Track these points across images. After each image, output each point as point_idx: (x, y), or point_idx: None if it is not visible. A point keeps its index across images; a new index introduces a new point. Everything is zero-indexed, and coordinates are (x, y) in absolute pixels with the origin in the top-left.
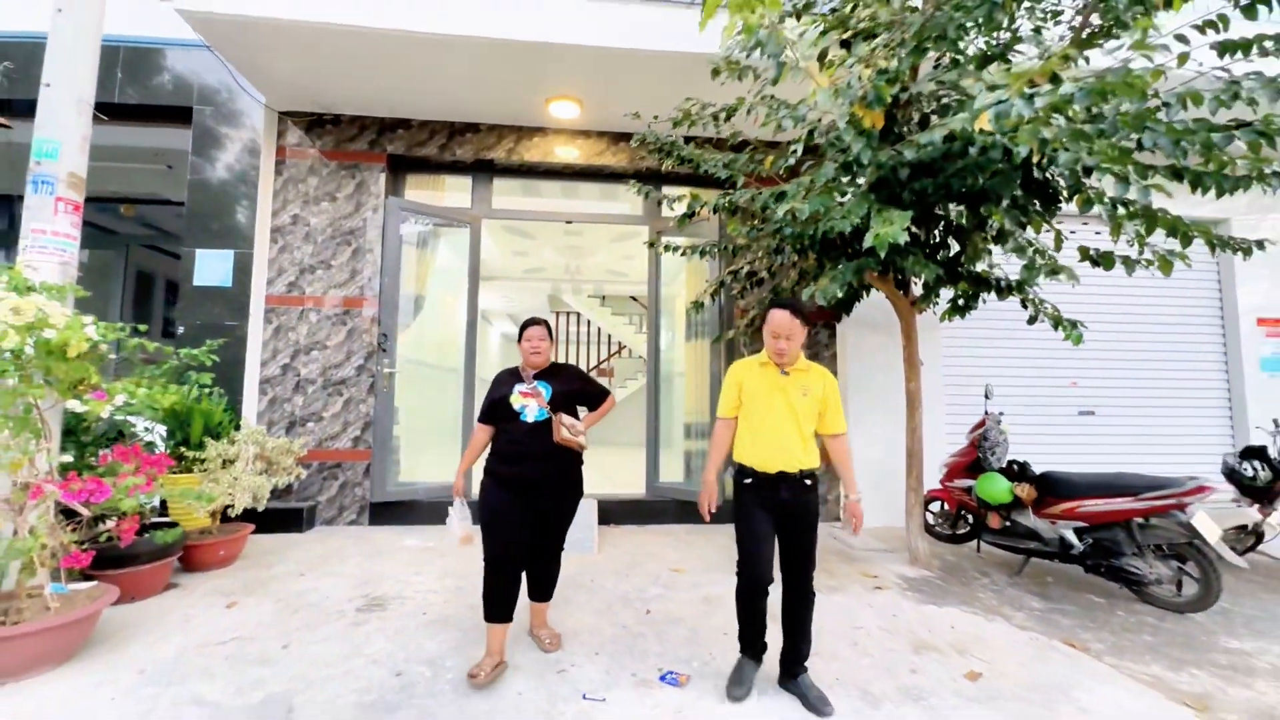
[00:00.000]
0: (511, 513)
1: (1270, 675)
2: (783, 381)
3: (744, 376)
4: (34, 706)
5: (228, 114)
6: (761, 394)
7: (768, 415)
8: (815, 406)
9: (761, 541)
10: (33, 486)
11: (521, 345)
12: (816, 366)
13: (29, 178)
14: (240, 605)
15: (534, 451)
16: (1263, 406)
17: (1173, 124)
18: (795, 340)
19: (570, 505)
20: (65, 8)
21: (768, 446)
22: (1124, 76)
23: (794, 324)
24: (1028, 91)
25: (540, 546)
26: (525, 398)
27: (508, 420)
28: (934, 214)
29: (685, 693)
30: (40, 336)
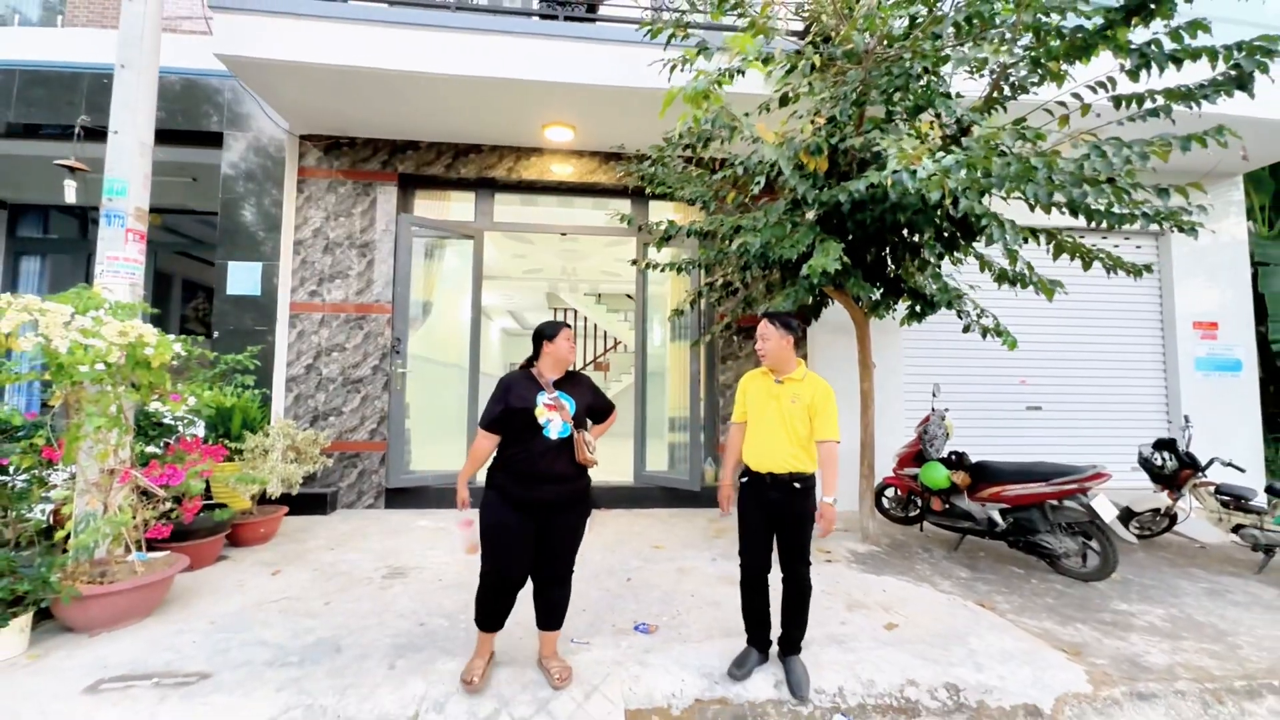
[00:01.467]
0: (519, 533)
1: (1144, 631)
2: (776, 390)
3: (748, 385)
4: (132, 648)
5: (254, 138)
6: (758, 401)
7: (761, 420)
8: (805, 413)
9: (754, 533)
10: (120, 472)
11: (558, 344)
12: (813, 376)
13: (102, 211)
14: (283, 573)
15: (555, 472)
16: (1195, 403)
17: (1050, 178)
18: (771, 343)
19: (582, 525)
20: (128, 64)
21: (759, 448)
22: (985, 151)
23: (767, 328)
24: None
25: (549, 570)
26: (550, 410)
27: (526, 433)
28: (876, 241)
29: (654, 639)
30: (134, 351)
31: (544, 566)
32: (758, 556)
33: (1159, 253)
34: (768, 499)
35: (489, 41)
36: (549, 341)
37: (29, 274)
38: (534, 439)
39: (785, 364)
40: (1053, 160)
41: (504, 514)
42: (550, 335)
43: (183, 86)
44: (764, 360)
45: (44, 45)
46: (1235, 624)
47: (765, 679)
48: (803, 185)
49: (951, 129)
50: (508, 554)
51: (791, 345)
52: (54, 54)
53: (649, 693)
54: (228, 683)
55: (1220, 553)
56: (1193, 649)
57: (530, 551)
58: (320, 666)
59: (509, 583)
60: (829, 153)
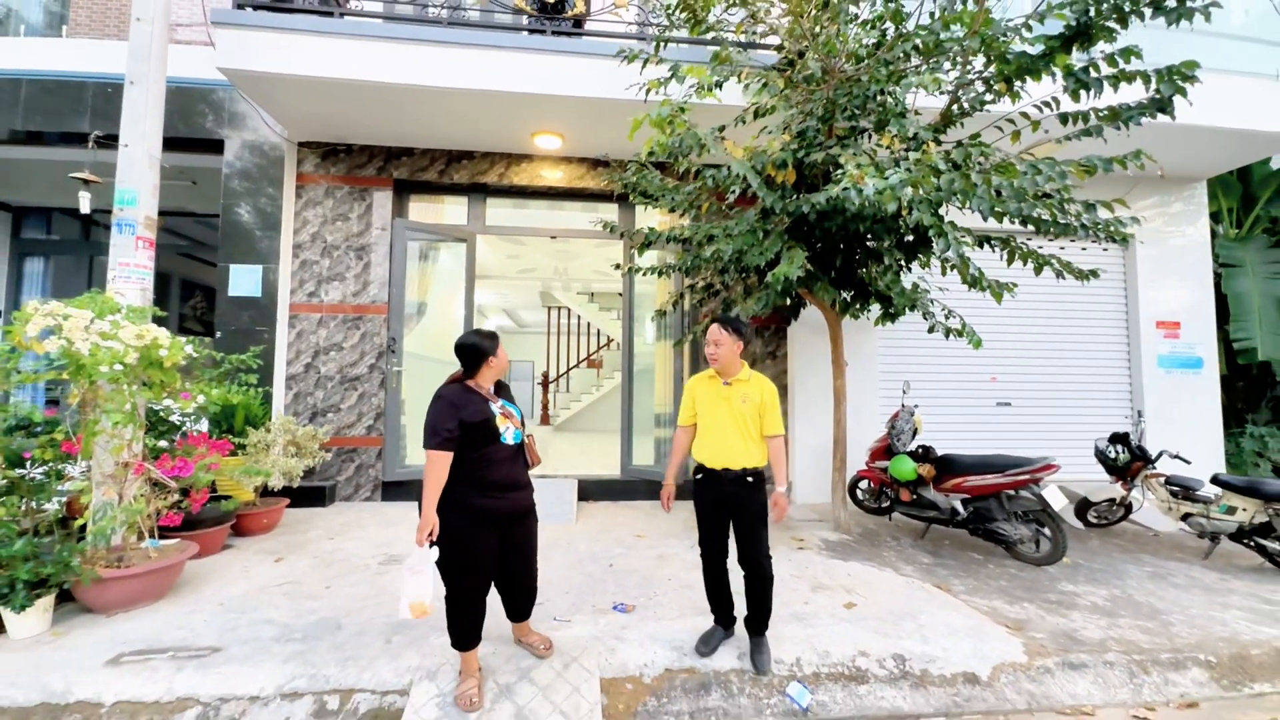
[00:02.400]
0: (486, 547)
1: (1085, 609)
2: (725, 391)
3: (696, 389)
4: (148, 627)
5: (254, 145)
6: (709, 402)
7: (712, 420)
8: (755, 411)
9: (710, 525)
10: (134, 465)
11: (500, 355)
12: (758, 376)
13: (114, 220)
14: (285, 560)
15: (515, 478)
16: (1158, 399)
17: (995, 192)
18: (723, 348)
19: (535, 536)
20: (136, 80)
21: (712, 446)
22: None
23: (721, 334)
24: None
25: (519, 583)
26: (505, 419)
27: (487, 443)
28: (842, 247)
29: (630, 617)
30: (149, 352)
31: (513, 579)
32: (714, 545)
33: (1124, 255)
34: (723, 492)
35: (481, 56)
36: (493, 356)
37: (33, 275)
38: (494, 448)
39: (733, 367)
40: (987, 178)
41: (469, 530)
42: (493, 350)
43: (184, 95)
44: (715, 364)
45: (48, 54)
46: (1172, 604)
47: (730, 652)
48: (770, 196)
49: (910, 144)
50: (478, 571)
51: (740, 350)
52: (58, 63)
53: (623, 663)
54: (238, 655)
55: (1171, 540)
56: (1128, 625)
57: (495, 568)
58: (322, 642)
59: (477, 593)
60: (795, 165)
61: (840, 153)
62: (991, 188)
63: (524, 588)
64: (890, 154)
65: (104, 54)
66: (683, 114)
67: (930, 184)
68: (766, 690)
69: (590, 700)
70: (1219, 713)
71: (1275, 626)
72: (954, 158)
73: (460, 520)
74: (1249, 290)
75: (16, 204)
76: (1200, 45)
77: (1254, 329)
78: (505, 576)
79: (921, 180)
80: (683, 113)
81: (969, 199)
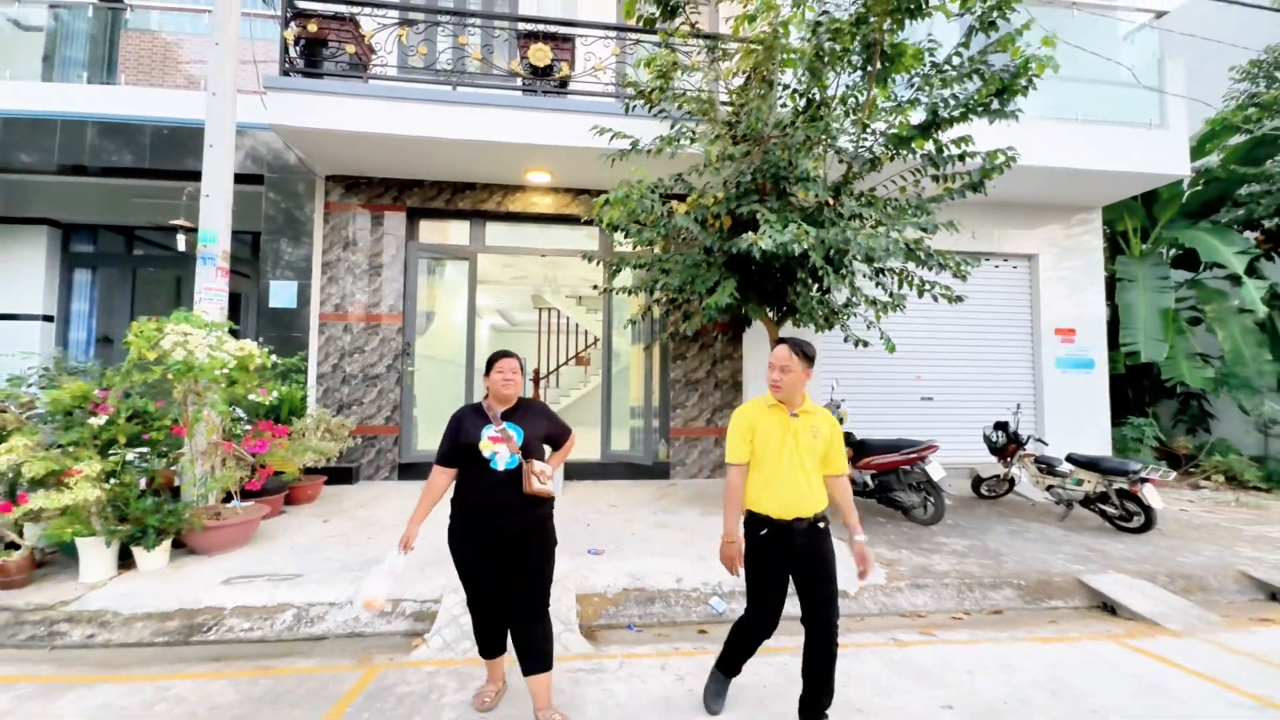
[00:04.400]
0: (481, 563)
1: (945, 554)
2: (793, 424)
3: (755, 419)
4: (242, 563)
5: (290, 179)
6: (773, 438)
7: (779, 460)
8: (823, 449)
9: (773, 588)
10: (223, 445)
11: (492, 378)
12: (819, 408)
13: (199, 254)
14: (331, 522)
15: (504, 504)
16: (1055, 394)
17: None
18: (790, 375)
19: (546, 558)
20: (215, 144)
21: (783, 492)
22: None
23: (790, 359)
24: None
25: (519, 602)
26: (495, 443)
27: (474, 466)
28: (770, 275)
29: (600, 558)
30: (244, 361)
31: (514, 598)
32: (772, 613)
33: (1030, 272)
34: (793, 546)
35: (482, 113)
36: (486, 377)
37: (81, 284)
38: (483, 472)
39: (798, 396)
40: (860, 232)
41: (464, 545)
42: (487, 371)
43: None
44: (777, 393)
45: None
46: (1014, 550)
47: (668, 575)
48: (709, 239)
49: (816, 199)
50: (474, 583)
51: (809, 378)
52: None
53: (593, 585)
54: (315, 579)
55: (1043, 508)
56: (972, 563)
57: (504, 578)
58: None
59: (486, 604)
60: (730, 214)
61: (758, 208)
62: (863, 243)
63: (525, 610)
64: (803, 207)
65: (147, 99)
66: (640, 184)
67: (808, 239)
68: (695, 601)
69: (568, 606)
70: (1016, 617)
71: (1083, 565)
72: (845, 215)
73: (457, 531)
74: (1137, 302)
75: (66, 221)
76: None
77: (1139, 335)
78: (508, 596)
79: (801, 237)
80: (640, 184)
81: (849, 248)
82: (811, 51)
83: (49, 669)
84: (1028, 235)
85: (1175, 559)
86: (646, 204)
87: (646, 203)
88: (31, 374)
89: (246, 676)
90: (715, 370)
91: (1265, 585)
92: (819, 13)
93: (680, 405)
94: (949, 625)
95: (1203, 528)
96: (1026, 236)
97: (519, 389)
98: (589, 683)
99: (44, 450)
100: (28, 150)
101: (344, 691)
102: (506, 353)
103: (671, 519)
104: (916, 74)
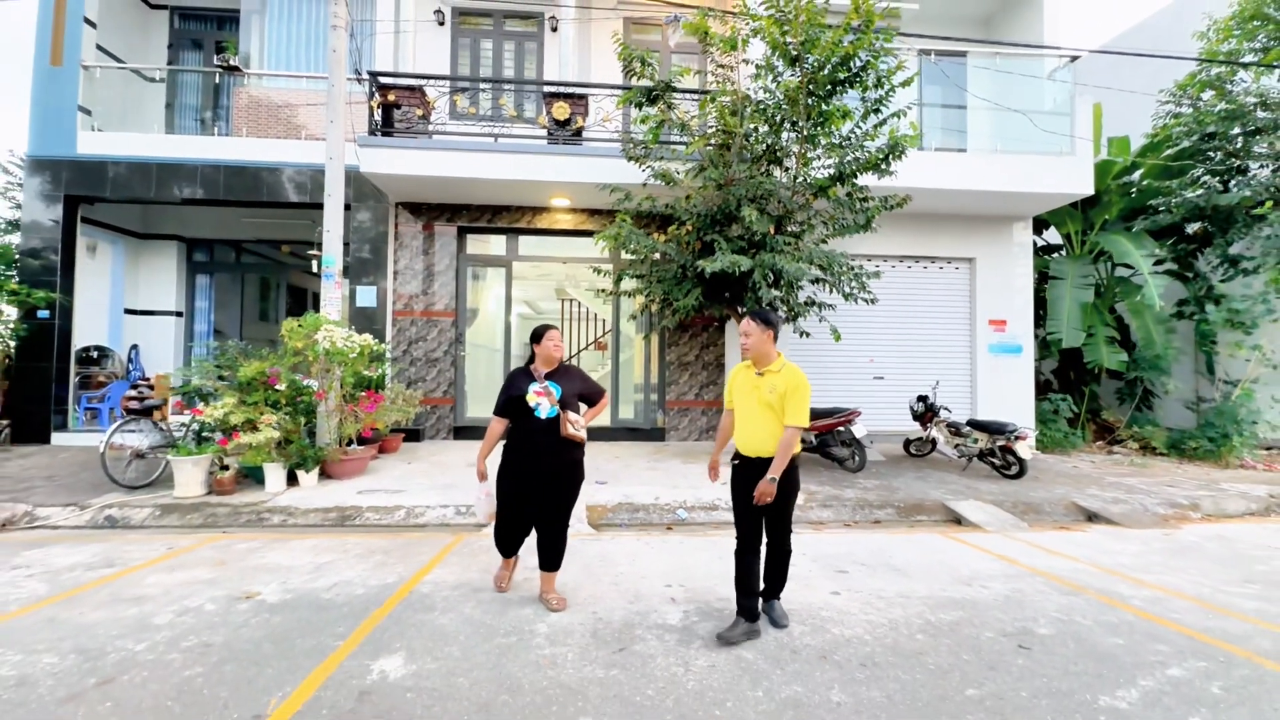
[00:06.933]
0: (520, 493)
1: (856, 489)
2: (757, 381)
3: (735, 375)
4: (364, 484)
5: (370, 206)
6: (742, 391)
7: (744, 409)
8: (779, 402)
9: (745, 510)
10: (345, 406)
11: (543, 344)
12: (791, 367)
13: (323, 273)
14: (413, 464)
15: (545, 445)
16: (988, 376)
17: (790, 264)
18: (752, 338)
19: (572, 489)
20: (332, 194)
21: (744, 435)
22: (730, 262)
23: (750, 325)
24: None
25: (547, 521)
26: (539, 396)
27: (522, 415)
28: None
29: (604, 486)
30: (365, 349)
31: (543, 516)
32: (748, 529)
33: (970, 272)
34: (752, 479)
35: (516, 158)
36: (537, 344)
37: (201, 287)
38: (528, 420)
39: (766, 357)
40: (781, 257)
41: (509, 479)
42: (538, 339)
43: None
44: (746, 354)
45: (214, 148)
46: (908, 487)
47: (647, 491)
48: (682, 258)
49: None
50: (510, 508)
51: (771, 339)
52: (222, 154)
53: (597, 500)
54: (414, 492)
55: (959, 464)
56: (871, 494)
57: (532, 509)
58: (453, 491)
59: (516, 524)
60: (700, 240)
61: (717, 238)
62: (785, 267)
63: (551, 525)
64: (750, 238)
65: (259, 148)
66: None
67: (744, 264)
68: (666, 511)
69: (579, 513)
70: (888, 525)
71: (956, 497)
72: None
73: (501, 469)
74: (1063, 296)
75: (190, 237)
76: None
77: (1062, 325)
78: (540, 514)
79: (738, 262)
80: (627, 223)
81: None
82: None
83: (266, 537)
84: (967, 242)
85: (1028, 494)
86: (633, 238)
87: (633, 237)
88: (210, 360)
89: (387, 538)
90: (703, 354)
91: (1086, 510)
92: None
93: (674, 382)
94: (837, 529)
95: (1074, 477)
96: (966, 243)
97: (562, 354)
98: (589, 545)
99: (242, 406)
100: (162, 187)
101: (445, 544)
102: (551, 325)
103: (659, 465)
104: (829, 143)
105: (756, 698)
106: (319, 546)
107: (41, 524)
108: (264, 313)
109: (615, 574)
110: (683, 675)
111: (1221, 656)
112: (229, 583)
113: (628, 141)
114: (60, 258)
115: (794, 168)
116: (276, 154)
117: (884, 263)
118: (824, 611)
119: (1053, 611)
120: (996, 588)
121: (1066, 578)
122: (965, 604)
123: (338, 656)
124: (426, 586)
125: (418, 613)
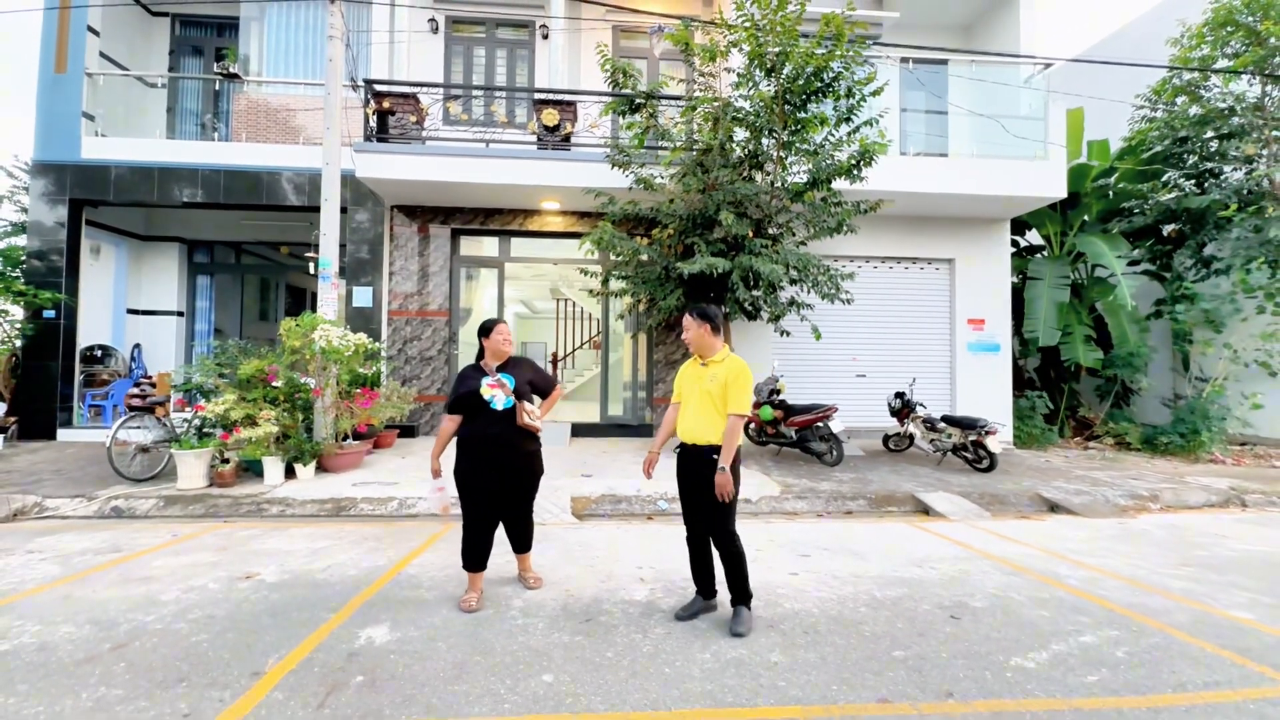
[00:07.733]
0: (483, 487)
1: (832, 481)
2: (700, 372)
3: (683, 369)
4: (358, 477)
5: (367, 208)
6: (687, 383)
7: (688, 399)
8: (720, 391)
9: (686, 498)
10: (341, 402)
11: (492, 338)
12: (734, 359)
13: (320, 275)
14: (407, 459)
15: (501, 436)
16: (967, 374)
17: (766, 266)
18: (691, 332)
19: (533, 479)
20: (328, 199)
21: (686, 423)
22: (706, 263)
23: (688, 320)
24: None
25: (512, 513)
26: (493, 389)
27: (477, 409)
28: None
29: (589, 479)
30: (360, 348)
31: (508, 510)
32: (692, 518)
33: (950, 273)
34: (692, 468)
35: (506, 163)
36: (486, 338)
37: (202, 287)
38: (484, 413)
39: (708, 349)
40: (758, 259)
41: (469, 473)
42: (486, 333)
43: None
44: (690, 347)
45: (214, 153)
46: (882, 480)
47: (630, 483)
48: (664, 261)
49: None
50: (474, 501)
51: (709, 332)
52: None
53: (582, 491)
54: (405, 484)
55: (934, 459)
56: (845, 486)
57: (496, 502)
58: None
59: (482, 523)
60: (681, 243)
61: (697, 240)
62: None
63: (518, 516)
64: (728, 240)
65: (258, 152)
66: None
67: (721, 266)
68: (647, 502)
69: (563, 504)
70: (859, 515)
71: (926, 489)
72: (754, 250)
73: (459, 468)
74: (1040, 296)
75: (190, 238)
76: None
77: (1039, 324)
78: (504, 508)
79: (715, 264)
80: (609, 229)
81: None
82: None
83: (265, 525)
84: (947, 243)
85: (996, 486)
86: (615, 241)
87: (615, 240)
88: (210, 358)
89: (380, 527)
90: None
91: (1048, 501)
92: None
93: (661, 380)
94: (810, 519)
95: (1043, 470)
96: (946, 244)
97: (511, 348)
98: (570, 533)
99: (241, 402)
100: (164, 190)
101: (434, 533)
102: (499, 320)
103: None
104: (804, 149)
105: (704, 659)
106: (315, 534)
107: (51, 514)
108: (263, 312)
109: (591, 557)
110: (640, 641)
111: (1135, 627)
112: (230, 565)
113: (613, 148)
114: (65, 259)
115: (773, 172)
116: (275, 158)
117: (866, 263)
118: (781, 589)
119: (990, 589)
120: (944, 569)
121: (1013, 560)
122: (911, 582)
123: (330, 626)
124: (414, 568)
125: (405, 590)
